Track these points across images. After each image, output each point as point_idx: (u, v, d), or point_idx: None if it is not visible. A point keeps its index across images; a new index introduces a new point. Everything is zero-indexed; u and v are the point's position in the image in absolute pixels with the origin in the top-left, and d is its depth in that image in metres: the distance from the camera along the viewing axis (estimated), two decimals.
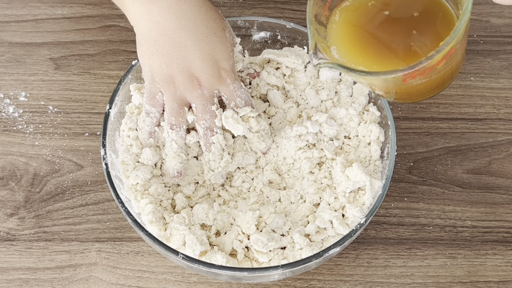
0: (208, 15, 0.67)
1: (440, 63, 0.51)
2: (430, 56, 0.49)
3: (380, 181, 0.66)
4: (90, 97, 0.82)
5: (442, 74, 0.55)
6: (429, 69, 0.51)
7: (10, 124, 0.80)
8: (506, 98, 0.83)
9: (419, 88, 0.56)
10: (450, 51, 0.50)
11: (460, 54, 0.55)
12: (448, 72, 0.55)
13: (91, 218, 0.74)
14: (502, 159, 0.78)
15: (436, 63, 0.50)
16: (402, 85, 0.55)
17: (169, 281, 0.71)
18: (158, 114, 0.69)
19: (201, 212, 0.66)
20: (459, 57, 0.55)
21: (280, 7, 0.90)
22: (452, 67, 0.55)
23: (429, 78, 0.54)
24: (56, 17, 0.88)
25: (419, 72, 0.51)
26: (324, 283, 0.71)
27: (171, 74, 0.66)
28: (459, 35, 0.49)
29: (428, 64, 0.50)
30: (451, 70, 0.55)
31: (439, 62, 0.51)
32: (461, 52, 0.55)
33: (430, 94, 0.59)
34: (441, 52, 0.49)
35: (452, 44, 0.49)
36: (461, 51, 0.55)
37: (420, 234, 0.74)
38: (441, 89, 0.59)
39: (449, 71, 0.55)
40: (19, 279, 0.71)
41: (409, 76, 0.52)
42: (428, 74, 0.52)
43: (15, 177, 0.77)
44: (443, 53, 0.49)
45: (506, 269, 0.72)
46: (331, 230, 0.65)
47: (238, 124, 0.67)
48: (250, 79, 0.74)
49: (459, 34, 0.49)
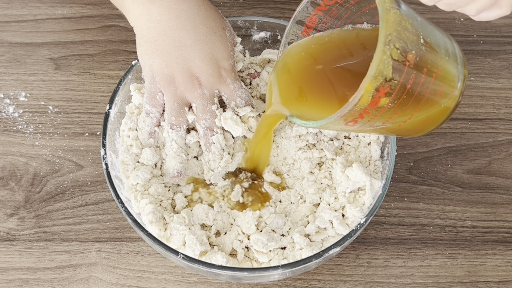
0: (208, 14, 0.67)
1: (374, 103, 0.49)
2: (353, 99, 0.49)
3: (380, 181, 0.66)
4: (90, 97, 0.82)
5: (407, 111, 0.53)
6: (368, 112, 0.50)
7: (10, 124, 0.80)
8: (506, 98, 0.83)
9: (394, 128, 0.56)
10: (380, 88, 0.49)
11: (427, 82, 0.52)
12: (421, 108, 0.53)
13: (91, 218, 0.74)
14: (502, 159, 0.78)
15: (367, 103, 0.49)
16: (365, 128, 0.55)
17: (169, 281, 0.71)
18: (158, 114, 0.69)
19: (201, 212, 0.66)
20: (428, 88, 0.53)
21: (280, 7, 0.90)
22: (422, 98, 0.53)
23: (384, 118, 0.52)
24: (56, 17, 0.88)
25: (353, 116, 0.51)
26: (324, 283, 0.71)
27: (171, 73, 0.66)
28: (378, 69, 0.48)
29: (356, 107, 0.49)
30: (423, 103, 0.53)
31: (374, 102, 0.49)
32: (427, 81, 0.52)
33: (424, 130, 0.58)
34: (360, 91, 0.48)
35: (369, 82, 0.48)
36: (425, 81, 0.52)
37: (420, 234, 0.74)
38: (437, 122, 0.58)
39: (421, 105, 0.53)
40: (19, 279, 0.71)
41: (349, 121, 0.52)
42: (373, 115, 0.51)
43: (15, 177, 0.77)
44: (363, 92, 0.48)
45: (506, 269, 0.72)
46: (331, 230, 0.65)
47: (237, 125, 0.67)
48: (251, 79, 0.74)
49: (376, 69, 0.48)
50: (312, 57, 0.63)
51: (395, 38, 0.48)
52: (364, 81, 0.48)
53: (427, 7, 0.86)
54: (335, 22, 0.62)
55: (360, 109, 0.50)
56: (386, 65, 0.48)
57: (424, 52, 0.51)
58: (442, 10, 0.54)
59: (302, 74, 0.63)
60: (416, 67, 0.50)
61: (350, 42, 0.61)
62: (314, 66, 0.62)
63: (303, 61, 0.63)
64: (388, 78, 0.49)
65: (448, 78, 0.54)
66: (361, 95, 0.48)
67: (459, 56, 0.56)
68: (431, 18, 0.87)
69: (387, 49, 0.48)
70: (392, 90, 0.50)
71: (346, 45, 0.62)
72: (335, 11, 0.61)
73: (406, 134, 0.59)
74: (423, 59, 0.51)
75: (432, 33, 0.53)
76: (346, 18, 0.62)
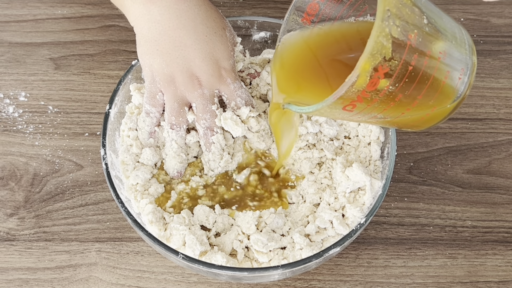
0: (208, 14, 0.67)
1: (373, 84, 0.47)
2: (349, 79, 0.46)
3: (380, 181, 0.66)
4: (90, 97, 0.82)
5: (409, 97, 0.50)
6: (366, 94, 0.48)
7: (10, 124, 0.80)
8: (506, 98, 0.83)
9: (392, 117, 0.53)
10: (379, 67, 0.46)
11: (432, 67, 0.50)
12: (425, 93, 0.50)
13: (91, 218, 0.74)
14: (502, 159, 0.78)
15: (365, 84, 0.47)
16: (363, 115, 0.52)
17: (169, 281, 0.71)
18: (158, 114, 0.69)
19: (201, 214, 0.66)
20: (432, 72, 0.50)
21: (280, 7, 0.90)
22: (425, 83, 0.50)
23: (385, 104, 0.50)
24: (56, 17, 0.88)
25: (351, 99, 0.48)
26: (324, 283, 0.71)
27: (172, 73, 0.66)
28: (375, 47, 0.45)
29: (353, 88, 0.47)
30: (427, 89, 0.50)
31: (373, 84, 0.47)
32: (431, 65, 0.49)
33: (427, 123, 0.56)
34: (357, 70, 0.46)
35: (366, 59, 0.45)
36: (429, 64, 0.49)
37: (420, 234, 0.74)
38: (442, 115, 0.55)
39: (425, 91, 0.50)
40: (19, 279, 0.71)
41: (346, 104, 0.49)
42: (372, 100, 0.49)
43: (15, 177, 0.77)
44: (360, 70, 0.46)
45: (506, 269, 0.72)
46: (331, 230, 0.65)
47: (237, 125, 0.67)
48: (251, 79, 0.74)
49: (374, 46, 0.45)
50: (311, 49, 0.61)
51: (394, 15, 0.46)
52: (361, 59, 0.45)
53: None
54: (338, 9, 0.59)
55: (358, 91, 0.47)
56: (385, 43, 0.45)
57: (427, 33, 0.48)
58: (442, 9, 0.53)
59: (299, 65, 0.61)
60: (418, 48, 0.48)
61: (351, 36, 0.59)
62: (312, 58, 0.60)
63: (301, 53, 0.61)
64: (388, 57, 0.46)
65: (455, 63, 0.51)
66: (357, 73, 0.46)
67: (468, 43, 0.53)
68: None
69: (385, 25, 0.45)
70: (392, 71, 0.47)
71: (346, 39, 0.59)
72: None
73: (410, 125, 0.56)
74: (426, 40, 0.48)
75: (438, 15, 0.50)
76: (349, 6, 0.59)
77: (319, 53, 0.60)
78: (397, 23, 0.46)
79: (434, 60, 0.49)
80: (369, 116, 0.52)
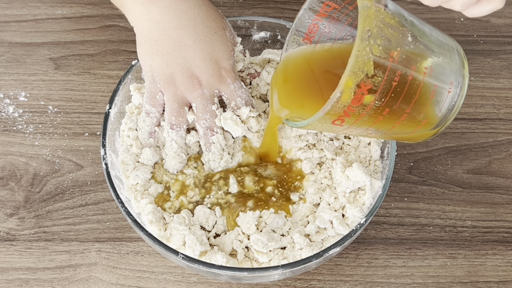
0: (208, 14, 0.67)
1: (357, 99, 0.49)
2: (333, 95, 0.49)
3: (380, 181, 0.66)
4: (90, 97, 0.82)
5: (397, 111, 0.52)
6: (352, 109, 0.50)
7: (10, 124, 0.80)
8: (506, 98, 0.83)
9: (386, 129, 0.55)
10: (361, 84, 0.48)
11: (418, 82, 0.51)
12: (413, 107, 0.52)
13: (91, 218, 0.74)
14: (502, 159, 0.78)
15: (349, 100, 0.49)
16: (356, 129, 0.54)
17: (169, 281, 0.71)
18: (158, 114, 0.69)
19: (201, 216, 0.66)
20: (418, 87, 0.51)
21: (280, 7, 0.90)
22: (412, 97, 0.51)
23: (374, 118, 0.51)
24: (56, 17, 0.88)
25: (338, 114, 0.50)
26: (324, 283, 0.71)
27: (172, 73, 0.66)
28: (355, 65, 0.47)
29: (338, 104, 0.49)
30: (415, 102, 0.52)
31: (357, 99, 0.49)
32: (417, 80, 0.51)
33: (422, 137, 0.57)
34: (340, 87, 0.48)
35: (347, 77, 0.47)
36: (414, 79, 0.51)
37: (420, 234, 0.74)
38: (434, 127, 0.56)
39: (413, 104, 0.52)
40: (19, 279, 0.71)
41: (335, 119, 0.51)
42: (360, 114, 0.51)
43: (15, 177, 0.77)
44: (342, 87, 0.48)
45: (506, 269, 0.72)
46: (331, 230, 0.65)
47: (237, 125, 0.67)
48: (251, 79, 0.74)
49: (354, 64, 0.47)
50: (310, 67, 0.63)
51: (376, 34, 0.48)
52: (343, 77, 0.48)
53: (426, 7, 0.86)
54: (337, 29, 0.62)
55: (344, 106, 0.49)
56: (366, 61, 0.48)
57: (411, 51, 0.50)
58: (442, 10, 0.54)
59: (301, 82, 0.63)
60: (402, 65, 0.50)
61: (346, 54, 0.61)
62: (311, 75, 0.63)
63: (303, 70, 0.64)
64: (370, 74, 0.48)
65: (443, 77, 0.53)
66: (340, 90, 0.48)
67: (459, 57, 0.55)
68: (431, 18, 0.87)
69: (365, 44, 0.47)
70: (376, 87, 0.49)
71: (342, 57, 0.62)
72: (335, 18, 0.61)
73: (405, 138, 0.58)
74: (411, 57, 0.50)
75: (426, 32, 0.53)
76: (347, 25, 0.62)
77: (318, 70, 0.63)
78: (378, 42, 0.48)
79: (420, 75, 0.51)
80: (362, 130, 0.54)
